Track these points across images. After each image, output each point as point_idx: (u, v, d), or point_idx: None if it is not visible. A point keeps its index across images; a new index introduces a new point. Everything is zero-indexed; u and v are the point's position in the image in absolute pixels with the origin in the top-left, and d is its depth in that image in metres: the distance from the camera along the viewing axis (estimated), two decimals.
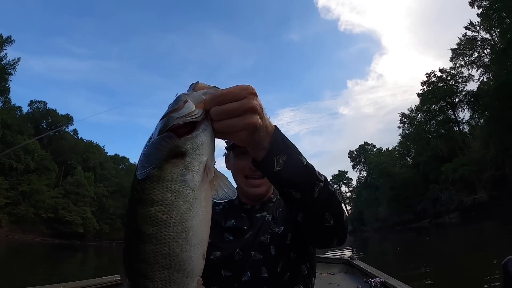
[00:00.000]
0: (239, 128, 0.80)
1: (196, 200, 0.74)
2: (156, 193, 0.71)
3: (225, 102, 0.77)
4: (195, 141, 0.75)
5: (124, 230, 0.77)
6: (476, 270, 10.21)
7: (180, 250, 0.71)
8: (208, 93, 0.80)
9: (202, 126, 0.77)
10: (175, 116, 0.74)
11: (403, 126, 73.77)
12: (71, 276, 16.58)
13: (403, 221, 65.40)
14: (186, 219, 0.72)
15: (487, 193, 46.59)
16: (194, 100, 0.77)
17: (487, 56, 51.46)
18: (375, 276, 4.76)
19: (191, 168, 0.74)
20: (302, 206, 0.99)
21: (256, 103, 0.80)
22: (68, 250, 42.63)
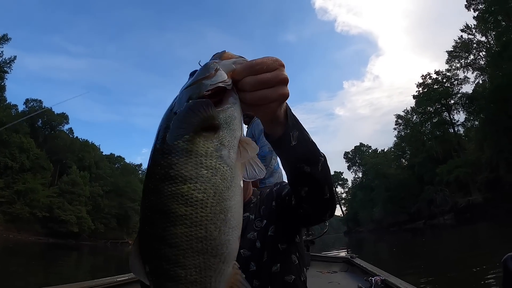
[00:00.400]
0: (272, 99, 0.78)
1: (234, 179, 0.68)
2: (189, 168, 0.64)
3: (260, 73, 0.74)
4: (228, 114, 0.69)
5: (142, 211, 0.68)
6: (472, 271, 10.28)
7: (218, 233, 0.64)
8: (237, 62, 0.76)
9: (231, 99, 0.72)
10: (208, 83, 0.69)
11: (399, 128, 74.23)
12: (66, 276, 16.56)
13: (398, 222, 65.66)
14: (225, 199, 0.65)
15: (481, 195, 46.87)
16: (224, 69, 0.73)
17: (483, 59, 51.89)
18: (376, 274, 4.81)
19: (226, 144, 0.67)
20: (309, 180, 1.05)
21: (286, 75, 0.79)
22: (63, 249, 42.43)
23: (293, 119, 0.95)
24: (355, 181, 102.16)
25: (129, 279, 4.80)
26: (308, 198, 1.10)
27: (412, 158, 69.00)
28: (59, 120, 71.89)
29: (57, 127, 72.71)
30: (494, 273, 9.13)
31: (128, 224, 74.59)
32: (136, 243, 0.69)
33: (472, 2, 49.94)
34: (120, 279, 4.76)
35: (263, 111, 0.84)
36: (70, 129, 76.67)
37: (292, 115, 0.95)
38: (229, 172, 0.67)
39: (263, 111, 0.84)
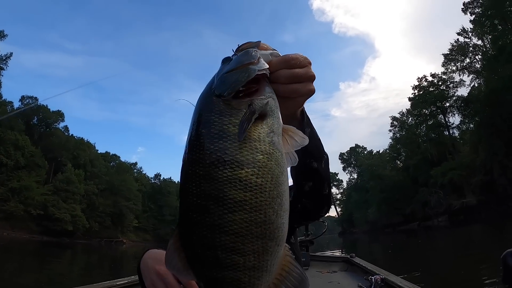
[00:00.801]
0: (302, 94, 0.83)
1: (285, 164, 0.68)
2: (245, 153, 0.62)
3: (294, 67, 0.78)
4: (271, 103, 0.69)
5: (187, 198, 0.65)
6: (466, 272, 10.39)
7: (275, 217, 0.63)
8: (274, 54, 0.78)
9: (268, 88, 0.72)
10: (255, 68, 0.68)
11: (394, 130, 74.43)
12: (60, 275, 16.55)
13: (392, 224, 65.86)
14: (280, 183, 0.65)
15: (475, 197, 47.11)
16: (263, 58, 0.73)
17: (479, 62, 52.13)
18: (375, 273, 4.84)
19: (275, 130, 0.67)
20: (315, 175, 1.11)
21: (314, 72, 0.83)
22: (57, 247, 42.29)
23: (307, 117, 1.02)
24: (350, 182, 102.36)
25: (128, 283, 4.78)
26: (310, 193, 1.15)
27: (407, 160, 69.21)
28: (54, 117, 71.60)
29: (52, 125, 72.37)
30: (488, 273, 9.25)
31: (122, 222, 74.32)
32: (176, 235, 0.66)
33: (469, 6, 50.25)
34: (119, 282, 4.73)
35: (292, 104, 0.87)
36: (65, 126, 76.41)
37: (305, 113, 1.01)
38: (281, 157, 0.66)
39: (292, 104, 0.87)
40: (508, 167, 41.77)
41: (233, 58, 0.75)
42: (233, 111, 0.66)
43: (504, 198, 40.41)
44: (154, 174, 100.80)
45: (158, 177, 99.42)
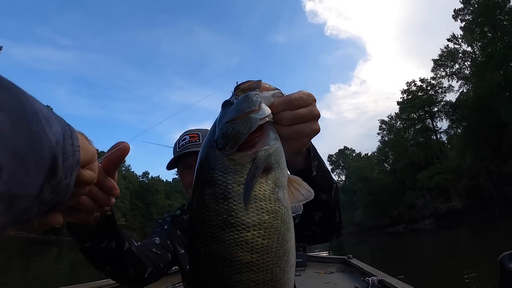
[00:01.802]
0: (305, 134, 0.81)
1: (291, 219, 0.67)
2: (251, 215, 0.62)
3: (297, 108, 0.76)
4: (277, 153, 0.68)
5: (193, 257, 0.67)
6: (453, 274, 10.59)
7: (282, 274, 0.64)
8: (276, 95, 0.77)
9: (272, 133, 0.70)
10: (257, 117, 0.67)
11: (382, 133, 74.91)
12: (45, 272, 16.46)
13: (379, 226, 66.23)
14: (286, 241, 0.65)
15: (461, 201, 47.69)
16: (265, 101, 0.72)
17: (468, 69, 52.78)
18: (373, 274, 4.98)
19: (280, 184, 0.66)
20: (324, 206, 1.09)
21: (318, 111, 0.82)
22: (43, 245, 41.94)
23: (313, 150, 0.99)
24: (338, 184, 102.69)
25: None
26: (321, 223, 1.15)
27: (395, 163, 69.75)
28: None
29: None
30: (475, 276, 9.49)
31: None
32: None
33: (459, 13, 50.86)
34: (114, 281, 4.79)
35: (296, 145, 0.84)
36: None
37: (312, 145, 0.98)
38: (287, 214, 0.66)
39: (296, 145, 0.84)
40: (494, 172, 42.40)
41: (234, 103, 0.72)
42: (237, 167, 0.64)
43: (490, 203, 41.04)
44: (142, 172, 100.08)
45: (146, 175, 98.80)
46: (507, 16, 43.48)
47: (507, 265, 1.85)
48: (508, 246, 1.92)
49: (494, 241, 18.33)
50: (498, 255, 1.97)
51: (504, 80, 41.06)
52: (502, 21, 44.30)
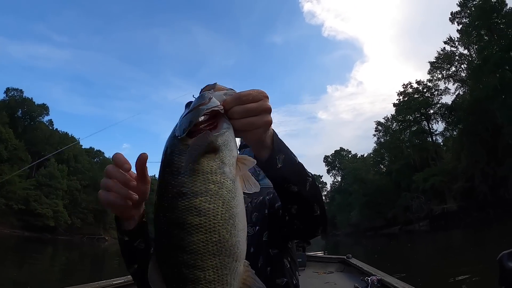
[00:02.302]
0: (257, 126, 0.89)
1: (237, 190, 0.78)
2: (198, 185, 0.74)
3: (247, 103, 0.85)
4: (225, 137, 0.79)
5: (158, 227, 0.78)
6: (448, 275, 10.67)
7: (229, 236, 0.74)
8: (228, 93, 0.87)
9: (225, 124, 0.83)
10: (204, 107, 0.80)
11: (378, 134, 75.14)
12: (40, 272, 16.41)
13: (374, 227, 66.42)
14: (231, 207, 0.76)
15: (456, 203, 47.92)
16: (217, 98, 0.83)
17: (464, 71, 53.04)
18: (372, 274, 5.02)
19: (226, 162, 0.78)
20: (298, 198, 1.13)
21: (270, 105, 0.90)
22: (38, 243, 41.80)
23: (279, 144, 1.05)
24: (334, 185, 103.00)
25: (125, 282, 4.86)
26: (299, 215, 1.18)
27: (390, 165, 69.97)
28: (39, 111, 70.49)
29: (37, 118, 71.25)
30: (468, 276, 9.58)
31: (105, 219, 73.28)
32: (154, 257, 0.79)
33: (456, 16, 51.15)
34: (115, 282, 4.81)
35: (251, 136, 0.94)
36: (50, 120, 75.22)
37: (279, 139, 1.05)
38: (232, 185, 0.77)
39: (251, 136, 0.94)
40: (489, 175, 42.65)
41: (198, 96, 0.86)
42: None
43: (484, 205, 41.27)
44: None
45: None
46: (504, 19, 43.71)
47: (506, 264, 1.85)
48: (502, 247, 1.96)
49: (489, 243, 18.46)
50: (493, 256, 1.98)
51: (500, 83, 41.27)
52: (498, 24, 44.53)
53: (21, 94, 68.85)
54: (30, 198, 57.65)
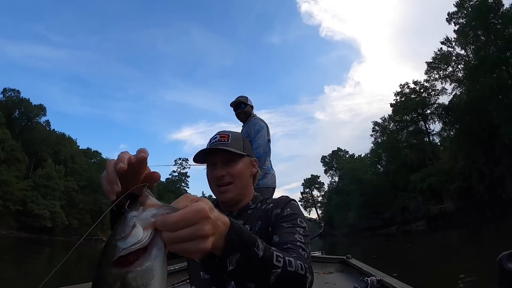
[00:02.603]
0: (191, 252, 0.78)
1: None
2: None
3: (178, 229, 0.73)
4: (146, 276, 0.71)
5: None
6: (448, 274, 10.70)
7: None
8: (158, 215, 0.76)
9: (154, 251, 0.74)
10: (121, 246, 0.71)
11: (375, 135, 75.28)
12: (37, 272, 16.37)
13: (371, 227, 66.46)
14: None
15: (453, 203, 48.09)
16: (142, 224, 0.74)
17: (461, 72, 53.25)
18: (371, 274, 5.01)
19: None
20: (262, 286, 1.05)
21: (208, 228, 0.77)
22: (36, 244, 41.71)
23: (236, 242, 0.90)
24: (331, 185, 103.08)
25: None
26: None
27: (388, 165, 70.13)
28: (36, 111, 70.37)
29: (34, 119, 71.11)
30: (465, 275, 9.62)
31: (102, 220, 73.17)
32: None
33: (453, 16, 51.28)
34: None
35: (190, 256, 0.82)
36: (47, 121, 74.92)
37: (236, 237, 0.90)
38: None
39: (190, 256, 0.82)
40: (486, 175, 42.86)
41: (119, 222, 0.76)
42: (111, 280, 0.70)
43: (481, 205, 41.50)
44: None
45: None
46: (501, 19, 43.90)
47: (506, 265, 1.77)
48: (500, 248, 1.95)
49: (486, 243, 18.53)
50: (490, 256, 1.97)
51: (496, 84, 41.52)
52: (495, 25, 44.67)
53: (18, 95, 68.80)
54: (27, 199, 57.48)
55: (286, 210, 1.50)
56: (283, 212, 1.50)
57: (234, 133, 1.70)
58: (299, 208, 1.55)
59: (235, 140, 1.64)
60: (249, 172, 1.68)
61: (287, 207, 1.52)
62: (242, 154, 1.61)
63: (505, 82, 42.37)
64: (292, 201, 1.58)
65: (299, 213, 1.51)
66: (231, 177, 1.58)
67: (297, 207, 1.55)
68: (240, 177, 1.61)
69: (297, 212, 1.51)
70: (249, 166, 1.68)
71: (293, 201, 1.58)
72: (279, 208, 1.52)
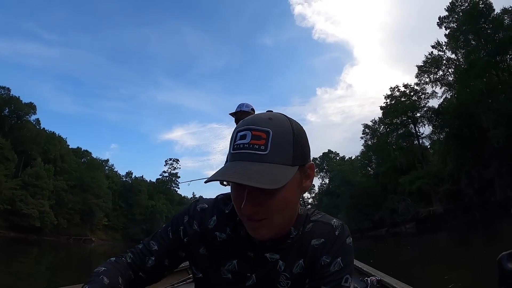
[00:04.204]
0: None
1: None
2: None
3: None
4: None
5: None
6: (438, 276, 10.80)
7: None
8: None
9: None
10: None
11: (366, 137, 75.61)
12: (26, 272, 16.22)
13: (361, 229, 66.74)
14: None
15: (442, 206, 48.48)
16: None
17: (451, 75, 53.71)
18: (371, 274, 5.03)
19: None
20: None
21: None
22: (24, 244, 41.27)
23: None
24: (322, 187, 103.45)
25: None
26: None
27: (377, 167, 70.50)
28: (26, 110, 69.59)
29: (24, 117, 70.30)
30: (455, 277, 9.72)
31: (92, 220, 72.78)
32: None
33: (444, 20, 51.73)
34: None
35: None
36: (37, 119, 74.21)
37: None
38: None
39: None
40: (475, 178, 43.25)
41: None
42: None
43: (470, 207, 41.87)
44: (126, 172, 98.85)
45: (129, 175, 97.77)
46: (491, 24, 44.46)
47: (505, 265, 1.76)
48: (489, 249, 1.97)
49: (475, 245, 18.71)
50: (479, 258, 1.99)
51: (486, 87, 41.98)
52: (486, 29, 45.21)
53: (8, 93, 67.98)
54: (16, 198, 56.81)
55: (336, 261, 1.04)
56: (331, 264, 1.03)
57: (276, 129, 0.93)
58: (352, 254, 1.08)
59: (280, 145, 0.92)
60: (299, 192, 1.02)
61: (339, 255, 1.04)
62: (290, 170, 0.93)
63: (495, 86, 42.90)
64: (348, 242, 1.08)
65: (349, 264, 1.06)
66: (268, 213, 0.96)
67: (350, 254, 1.07)
68: (284, 208, 0.98)
69: (348, 264, 1.05)
70: (300, 181, 1.00)
71: (349, 241, 1.08)
72: (329, 255, 1.04)
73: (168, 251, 1.15)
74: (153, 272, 1.16)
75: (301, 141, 0.99)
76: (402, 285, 4.34)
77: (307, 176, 1.02)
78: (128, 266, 1.14)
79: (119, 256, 1.18)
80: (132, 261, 1.15)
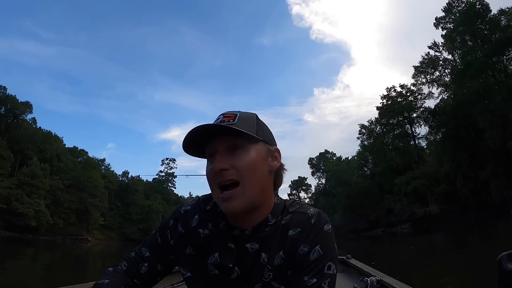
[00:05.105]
0: None
1: None
2: None
3: None
4: None
5: None
6: (434, 277, 10.82)
7: None
8: None
9: None
10: None
11: (362, 137, 75.64)
12: (22, 272, 16.17)
13: (357, 229, 66.79)
14: None
15: (438, 206, 48.62)
16: None
17: (448, 76, 53.82)
18: (371, 274, 5.01)
19: None
20: None
21: None
22: (20, 243, 41.14)
23: None
24: (318, 187, 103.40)
25: None
26: None
27: (374, 168, 70.60)
28: (22, 108, 69.29)
29: (20, 116, 69.98)
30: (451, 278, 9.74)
31: (88, 220, 72.48)
32: None
33: (441, 21, 51.82)
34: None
35: None
36: (33, 118, 73.68)
37: None
38: None
39: None
40: (471, 178, 43.41)
41: None
42: None
43: (466, 208, 42.05)
44: (122, 172, 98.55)
45: (126, 175, 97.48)
46: (488, 25, 44.63)
47: (505, 265, 1.88)
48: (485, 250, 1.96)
49: (471, 246, 18.79)
50: (475, 259, 1.99)
51: (482, 88, 42.14)
52: (482, 30, 45.41)
53: (5, 91, 67.64)
54: (12, 197, 56.55)
55: (315, 249, 1.05)
56: (310, 253, 1.05)
57: (244, 112, 1.13)
58: (332, 241, 1.11)
59: (245, 120, 1.08)
60: (266, 166, 1.09)
61: (317, 243, 1.06)
62: (254, 136, 1.06)
63: (491, 87, 43.07)
64: (326, 228, 1.11)
65: (330, 251, 1.08)
66: (237, 172, 1.02)
67: (330, 241, 1.10)
68: (252, 172, 1.03)
69: (328, 251, 1.07)
70: (266, 156, 1.09)
71: (327, 228, 1.12)
72: (306, 244, 1.06)
73: (159, 255, 1.22)
74: (147, 278, 1.22)
75: (264, 126, 1.16)
76: (402, 285, 4.32)
77: (274, 157, 1.13)
78: (126, 274, 1.21)
79: (115, 265, 1.24)
80: (127, 269, 1.22)
